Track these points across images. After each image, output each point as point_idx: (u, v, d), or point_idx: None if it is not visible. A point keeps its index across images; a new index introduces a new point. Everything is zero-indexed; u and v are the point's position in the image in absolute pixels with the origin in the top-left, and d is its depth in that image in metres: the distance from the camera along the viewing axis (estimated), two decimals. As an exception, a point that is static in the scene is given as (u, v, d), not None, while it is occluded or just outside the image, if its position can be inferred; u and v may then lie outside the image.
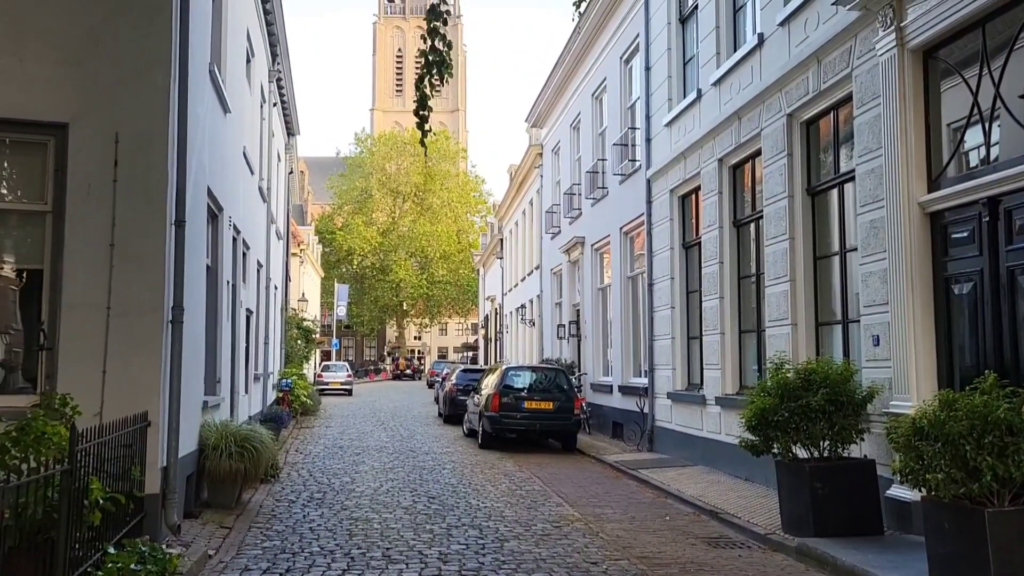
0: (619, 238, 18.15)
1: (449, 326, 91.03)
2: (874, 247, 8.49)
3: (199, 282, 9.44)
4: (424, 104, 6.51)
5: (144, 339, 7.46)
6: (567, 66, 22.18)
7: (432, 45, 6.46)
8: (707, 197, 13.04)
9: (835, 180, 9.78)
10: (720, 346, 12.47)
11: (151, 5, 7.60)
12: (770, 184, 10.90)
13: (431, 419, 24.54)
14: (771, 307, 10.83)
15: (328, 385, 39.89)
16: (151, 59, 7.57)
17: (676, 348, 14.49)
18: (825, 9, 9.51)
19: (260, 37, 15.94)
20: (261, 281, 17.78)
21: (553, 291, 25.62)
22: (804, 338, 10.19)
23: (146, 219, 7.52)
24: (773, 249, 10.76)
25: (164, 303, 7.57)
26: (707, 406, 12.79)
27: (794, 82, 10.26)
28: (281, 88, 20.05)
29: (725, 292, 12.48)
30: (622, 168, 17.50)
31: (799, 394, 8.01)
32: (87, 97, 7.41)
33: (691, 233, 14.35)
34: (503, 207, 38.13)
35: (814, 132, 10.35)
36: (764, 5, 11.20)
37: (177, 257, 7.78)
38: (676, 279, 14.55)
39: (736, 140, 11.99)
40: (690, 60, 14.44)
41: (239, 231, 13.32)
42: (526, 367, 19.24)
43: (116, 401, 7.26)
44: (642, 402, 15.91)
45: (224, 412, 11.77)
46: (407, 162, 71.04)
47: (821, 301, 10.19)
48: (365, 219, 69.18)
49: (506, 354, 36.36)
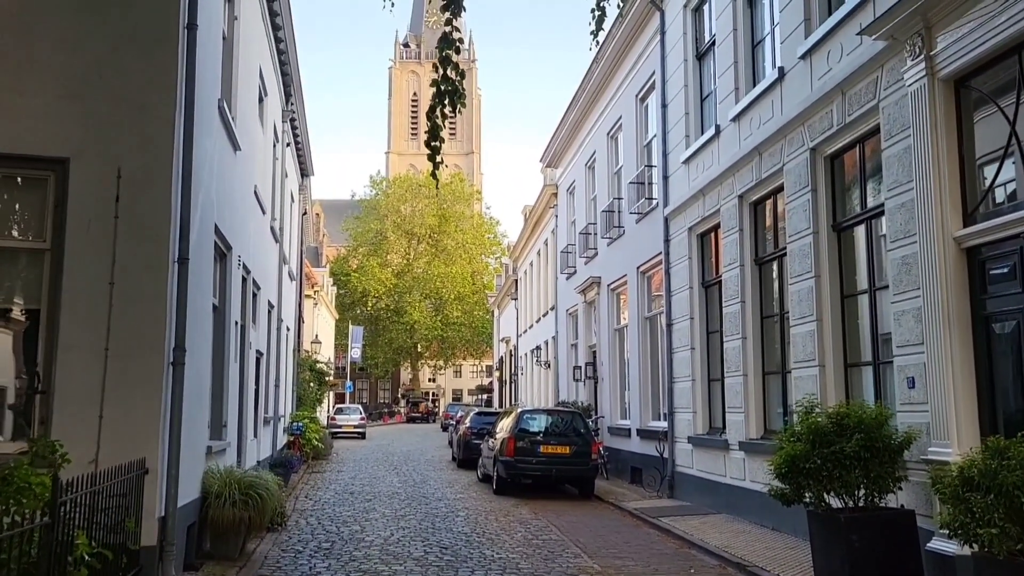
0: (636, 278, 17.80)
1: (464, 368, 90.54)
2: (907, 284, 8.10)
3: (204, 322, 9.14)
4: (436, 135, 6.23)
5: (143, 382, 7.16)
6: (582, 105, 22.05)
7: (444, 74, 6.20)
8: (727, 235, 12.71)
9: (863, 215, 9.42)
10: (743, 388, 12.03)
11: (156, 37, 7.41)
12: (793, 220, 10.55)
13: (444, 463, 24.05)
14: (796, 348, 10.41)
15: (341, 428, 39.47)
16: (155, 92, 7.37)
17: (697, 391, 14.04)
18: (849, 40, 9.24)
19: (274, 77, 15.86)
20: (272, 322, 17.51)
21: (569, 332, 25.22)
22: (832, 380, 9.75)
23: (147, 256, 7.26)
24: (798, 287, 10.38)
25: (165, 344, 7.27)
26: (730, 451, 12.31)
27: (817, 115, 9.96)
28: (295, 128, 19.98)
29: (747, 332, 12.08)
30: (638, 207, 17.21)
31: (831, 439, 7.57)
32: (89, 131, 7.20)
33: (711, 272, 13.99)
34: (517, 248, 37.92)
35: (839, 166, 10.02)
36: (784, 38, 10.96)
37: (180, 296, 7.50)
38: (696, 319, 14.16)
39: (757, 176, 11.68)
40: (707, 96, 14.21)
41: (249, 271, 13.07)
42: (542, 410, 18.79)
43: (113, 447, 6.95)
44: (662, 447, 15.42)
45: (230, 457, 11.41)
46: (422, 204, 71.28)
47: (850, 341, 9.77)
48: (380, 261, 69.24)
49: (521, 396, 35.86)
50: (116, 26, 7.32)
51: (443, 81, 6.22)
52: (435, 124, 6.22)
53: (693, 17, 14.69)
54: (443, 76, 6.22)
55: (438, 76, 6.24)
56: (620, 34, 17.92)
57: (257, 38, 13.40)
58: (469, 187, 78.74)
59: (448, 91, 6.23)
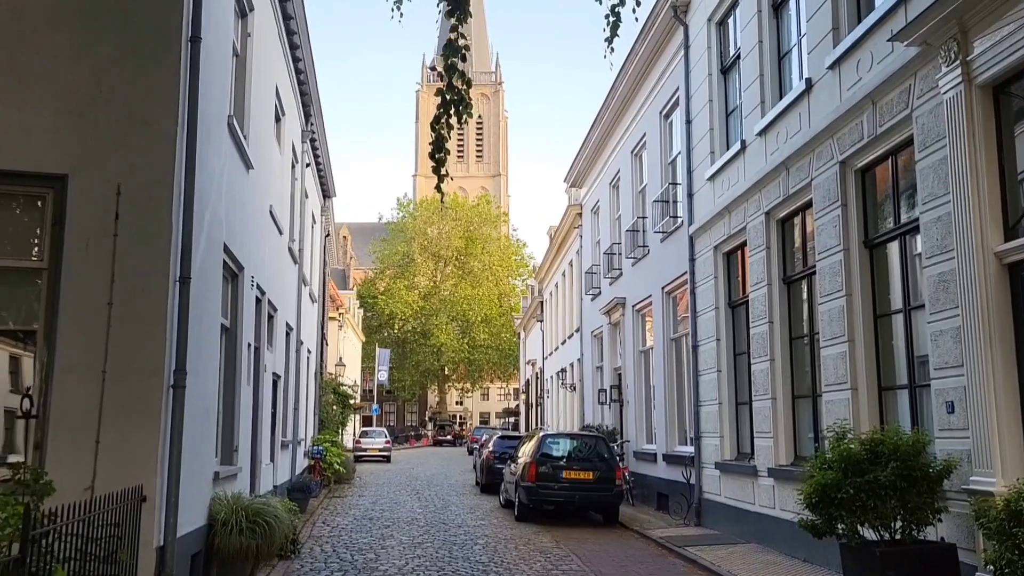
0: (661, 298, 17.38)
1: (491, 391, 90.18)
2: (944, 303, 7.65)
3: (211, 344, 8.89)
4: (440, 146, 5.94)
5: (142, 405, 6.89)
6: (606, 124, 21.75)
7: (450, 83, 5.91)
8: (754, 253, 12.29)
9: (896, 231, 8.98)
10: (772, 412, 11.56)
11: (157, 50, 7.21)
12: (823, 237, 10.13)
13: (468, 488, 23.63)
14: (827, 370, 9.95)
15: (366, 452, 39.21)
16: (157, 107, 7.15)
17: (724, 414, 13.56)
18: (880, 48, 8.85)
19: (292, 96, 15.74)
20: (291, 345, 17.28)
21: (594, 354, 24.79)
22: (866, 404, 9.27)
23: (148, 276, 7.01)
24: (828, 307, 9.93)
25: (165, 366, 7.00)
26: (759, 478, 11.82)
27: (847, 127, 9.56)
28: (315, 149, 19.86)
29: (776, 354, 11.62)
30: (663, 225, 16.83)
31: (865, 468, 7.12)
32: (88, 146, 6.99)
33: (737, 291, 13.55)
34: (543, 269, 37.60)
35: (870, 180, 9.60)
36: (812, 49, 10.58)
37: (181, 316, 7.24)
38: (722, 340, 13.71)
39: (784, 191, 11.27)
40: (733, 111, 13.85)
41: (264, 292, 12.86)
42: (564, 434, 18.34)
43: (110, 473, 6.67)
44: (688, 472, 14.93)
45: (243, 483, 11.12)
46: (449, 226, 71.29)
47: (883, 363, 9.30)
48: (407, 283, 69.20)
49: (547, 420, 35.39)
50: (116, 39, 7.13)
51: (448, 90, 5.94)
52: (440, 135, 5.93)
53: (717, 31, 14.36)
54: (448, 85, 5.93)
55: (443, 85, 5.94)
56: (643, 50, 17.63)
57: (273, 57, 13.27)
58: (496, 209, 78.70)
59: (454, 101, 5.94)
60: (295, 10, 13.79)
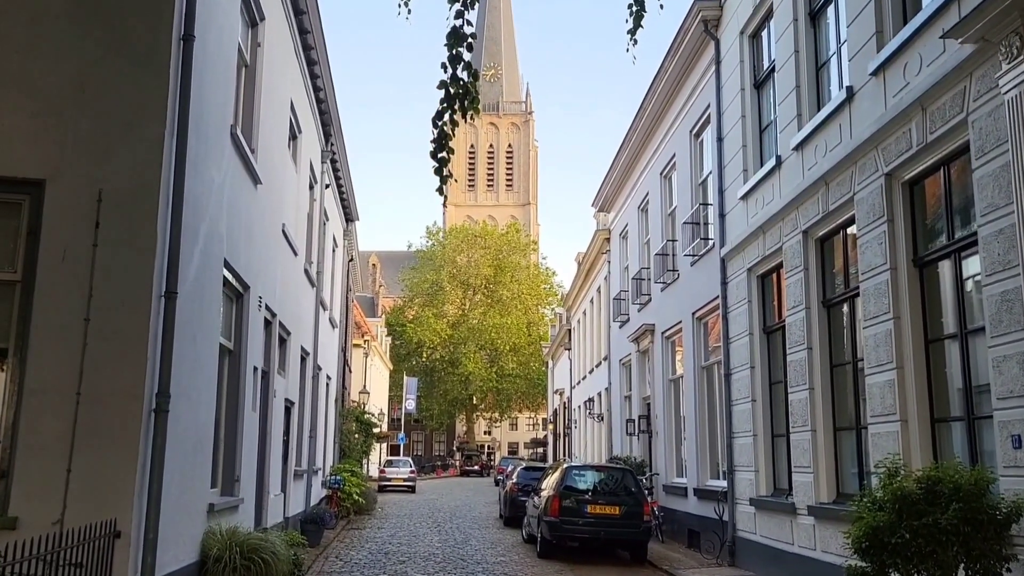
0: (692, 324, 16.61)
1: (519, 421, 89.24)
2: (1008, 324, 6.86)
3: (207, 366, 8.32)
4: (443, 144, 5.33)
5: (119, 431, 6.32)
6: (634, 146, 21.14)
7: (453, 75, 5.32)
8: (790, 275, 11.53)
9: (949, 247, 8.21)
10: (811, 445, 10.73)
11: (145, 48, 6.71)
12: (867, 256, 9.36)
13: (491, 521, 22.83)
14: (873, 400, 9.14)
15: (391, 481, 38.62)
16: (144, 109, 6.65)
17: (759, 447, 12.73)
18: (929, 49, 8.15)
19: (309, 114, 15.32)
20: (307, 370, 16.73)
21: (622, 383, 23.97)
22: (917, 438, 8.45)
23: (130, 290, 6.47)
24: (873, 331, 9.14)
25: (146, 389, 6.43)
26: (798, 516, 10.97)
27: (893, 137, 8.84)
28: (337, 170, 19.45)
29: (815, 382, 10.81)
30: (693, 248, 16.11)
31: (922, 509, 6.32)
32: (68, 151, 6.50)
33: (773, 316, 12.77)
34: (571, 296, 36.90)
35: (919, 193, 8.84)
36: (853, 55, 9.89)
37: (166, 334, 6.67)
38: (757, 368, 12.91)
39: (823, 208, 10.54)
40: (767, 127, 13.16)
41: (275, 314, 12.33)
42: (590, 466, 17.50)
43: (82, 506, 6.10)
44: (721, 508, 14.06)
45: (245, 515, 10.50)
46: (478, 254, 70.99)
47: (936, 393, 8.48)
48: (435, 311, 68.79)
49: (574, 450, 34.51)
50: (101, 36, 6.66)
51: (452, 82, 5.34)
52: (443, 132, 5.33)
53: (750, 44, 13.72)
54: (452, 77, 5.34)
55: (446, 77, 5.35)
56: (673, 68, 17.04)
57: (288, 71, 12.83)
58: (525, 237, 78.26)
59: (458, 94, 5.34)
60: (312, 24, 13.37)
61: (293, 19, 12.75)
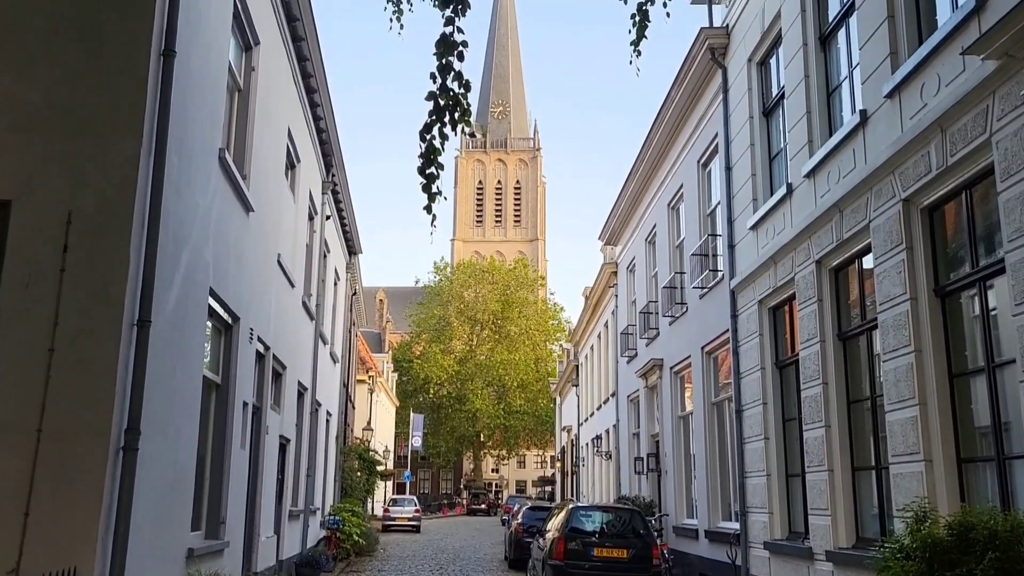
0: (701, 359, 16.09)
1: (527, 458, 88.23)
2: (1041, 357, 6.38)
3: (189, 401, 7.87)
4: (431, 160, 4.93)
5: (83, 471, 5.86)
6: (641, 177, 20.78)
7: (443, 85, 4.93)
8: (804, 306, 11.06)
9: (973, 275, 7.74)
10: (828, 486, 10.17)
11: (122, 62, 6.35)
12: (885, 286, 8.90)
13: (496, 563, 22.15)
14: (894, 438, 8.61)
15: (395, 521, 37.92)
16: (119, 124, 6.28)
17: (773, 487, 12.16)
18: (948, 68, 7.76)
19: (309, 143, 15.02)
20: (305, 406, 16.25)
21: (630, 420, 23.38)
22: (943, 479, 7.90)
23: (98, 317, 6.04)
24: (893, 365, 8.65)
25: (114, 424, 5.98)
26: (815, 562, 10.38)
27: (910, 160, 8.42)
28: (339, 202, 19.13)
29: (831, 419, 10.29)
30: (702, 280, 15.65)
31: (954, 558, 5.80)
32: (36, 169, 6.13)
33: (785, 350, 12.27)
34: (578, 331, 36.39)
35: (939, 218, 8.40)
36: (866, 78, 9.51)
37: (138, 366, 6.24)
38: (769, 404, 12.38)
39: (837, 237, 10.09)
40: (777, 155, 12.78)
41: (268, 347, 11.89)
42: (596, 507, 16.91)
43: (40, 553, 5.64)
44: (733, 552, 13.44)
45: (232, 559, 9.98)
46: (485, 290, 70.67)
47: (963, 430, 7.95)
48: (442, 347, 68.29)
49: (582, 489, 33.76)
50: (75, 48, 6.32)
51: (441, 93, 4.94)
52: (431, 146, 4.92)
53: (759, 71, 13.39)
54: (441, 87, 4.95)
55: (435, 88, 4.96)
56: (679, 97, 16.73)
57: (285, 98, 12.54)
58: (533, 273, 77.92)
59: (448, 106, 4.95)
60: (311, 51, 13.11)
61: (291, 45, 12.48)
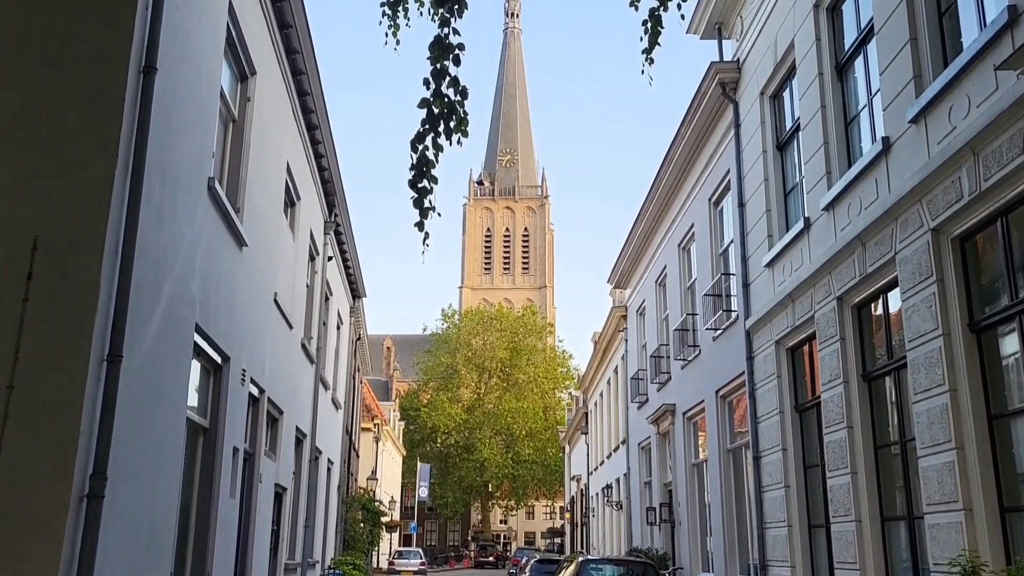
0: (715, 403, 15.47)
1: (536, 509, 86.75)
2: (1097, 394, 5.80)
3: (169, 445, 7.33)
4: (424, 172, 4.47)
5: (42, 521, 5.31)
6: (650, 217, 20.37)
7: (437, 90, 4.49)
8: (825, 346, 10.49)
9: (1012, 308, 7.19)
10: (856, 538, 9.51)
11: (97, 78, 5.93)
12: (914, 321, 8.35)
13: (502, 618, 21.25)
14: (929, 485, 7.98)
15: (400, 574, 37.08)
16: (92, 144, 5.84)
17: (795, 539, 11.46)
18: (979, 87, 7.31)
19: (309, 180, 14.65)
20: (304, 454, 15.66)
21: (642, 468, 22.63)
22: (986, 529, 7.25)
23: (63, 352, 5.54)
24: (926, 407, 8.06)
25: (77, 469, 5.43)
26: (843, 620, 9.67)
27: (939, 187, 7.93)
28: (342, 243, 18.74)
29: (858, 466, 9.66)
30: (715, 322, 15.11)
31: (1011, 619, 5.17)
32: (2, 192, 5.67)
33: (805, 392, 11.68)
34: (587, 378, 35.72)
35: (972, 248, 7.88)
36: (888, 104, 9.08)
37: (107, 405, 5.72)
38: (789, 450, 11.74)
39: (860, 271, 9.57)
40: (792, 189, 12.33)
41: (262, 390, 11.37)
42: (607, 560, 16.17)
43: (-8, 612, 5.04)
44: (753, 608, 12.69)
45: (218, 615, 9.32)
46: (493, 337, 70.07)
47: (1005, 477, 7.33)
48: (450, 395, 67.53)
49: (592, 541, 32.78)
50: (47, 64, 5.91)
51: (436, 100, 4.50)
52: (424, 158, 4.46)
53: (772, 104, 13.01)
54: (435, 93, 4.50)
55: (429, 94, 4.51)
56: (690, 134, 16.36)
57: (284, 133, 12.19)
58: (541, 320, 77.34)
59: (443, 114, 4.49)
60: (311, 86, 12.80)
61: (291, 79, 12.16)
